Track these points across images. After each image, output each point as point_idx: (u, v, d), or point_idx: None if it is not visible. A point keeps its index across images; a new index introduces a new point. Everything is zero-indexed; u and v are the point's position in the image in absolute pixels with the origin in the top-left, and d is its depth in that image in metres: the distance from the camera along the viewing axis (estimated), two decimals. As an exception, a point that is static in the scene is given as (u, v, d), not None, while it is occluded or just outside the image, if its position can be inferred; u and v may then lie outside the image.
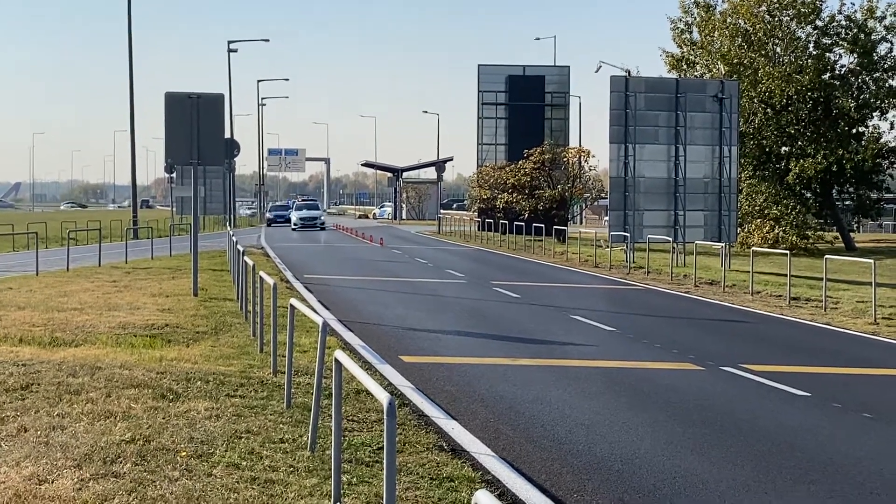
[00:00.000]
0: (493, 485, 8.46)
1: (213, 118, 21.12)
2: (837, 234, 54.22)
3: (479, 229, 63.04)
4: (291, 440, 9.28)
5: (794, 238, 49.00)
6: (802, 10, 52.01)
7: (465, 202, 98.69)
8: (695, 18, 55.02)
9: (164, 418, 9.94)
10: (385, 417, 6.04)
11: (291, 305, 11.00)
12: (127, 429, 9.40)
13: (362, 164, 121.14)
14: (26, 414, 10.06)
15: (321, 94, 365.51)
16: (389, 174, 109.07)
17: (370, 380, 6.72)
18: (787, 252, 28.23)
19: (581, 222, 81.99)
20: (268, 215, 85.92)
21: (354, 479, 8.14)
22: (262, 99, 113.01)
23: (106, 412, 10.10)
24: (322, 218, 75.44)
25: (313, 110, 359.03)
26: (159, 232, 52.27)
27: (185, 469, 8.20)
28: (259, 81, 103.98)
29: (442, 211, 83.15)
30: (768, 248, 43.00)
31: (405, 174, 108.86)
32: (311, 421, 9.01)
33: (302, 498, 7.57)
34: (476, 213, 69.24)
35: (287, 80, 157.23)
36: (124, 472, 8.05)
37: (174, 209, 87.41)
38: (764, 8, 52.83)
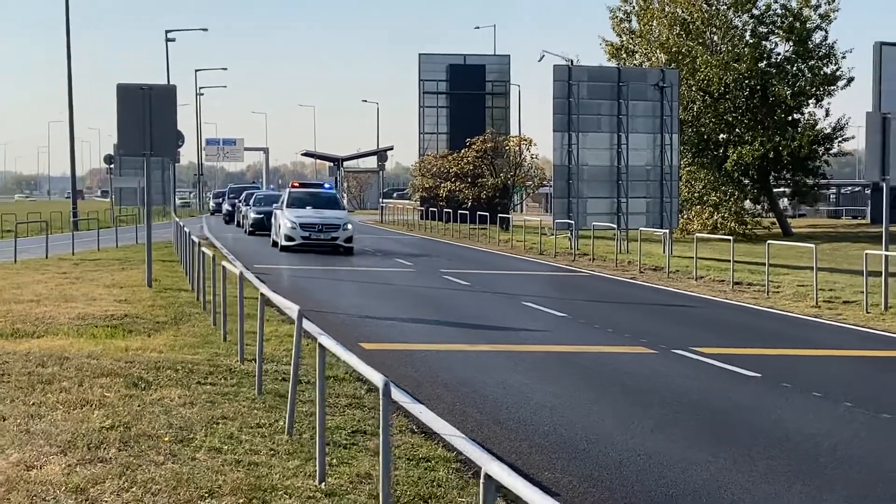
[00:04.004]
0: (467, 464, 8.77)
1: (165, 110, 21.20)
2: (774, 219, 55.22)
3: (421, 218, 63.32)
4: (268, 425, 9.53)
5: (733, 224, 49.89)
6: (739, -2, 52.89)
7: (406, 191, 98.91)
8: (633, 7, 55.75)
9: (139, 406, 10.13)
10: (380, 398, 6.33)
11: (262, 295, 11.24)
12: (105, 416, 9.59)
13: (302, 154, 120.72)
14: (1, 403, 10.21)
15: (260, 83, 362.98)
16: (330, 163, 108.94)
17: (360, 362, 7.01)
18: (731, 238, 28.83)
19: (521, 210, 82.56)
20: (252, 214, 47.20)
21: (334, 461, 8.41)
22: (200, 88, 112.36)
23: (81, 401, 10.27)
24: (348, 226, 35.90)
25: (252, 100, 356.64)
26: (101, 223, 51.96)
27: (170, 454, 8.43)
28: (197, 71, 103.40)
29: (384, 200, 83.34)
30: (708, 234, 43.73)
31: (346, 163, 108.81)
32: (287, 405, 9.26)
33: (287, 479, 7.83)
34: (418, 202, 69.54)
35: (225, 69, 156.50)
36: (110, 458, 8.26)
37: (113, 200, 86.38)
38: (701, -3, 53.65)
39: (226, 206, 62.69)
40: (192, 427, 9.32)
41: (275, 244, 36.41)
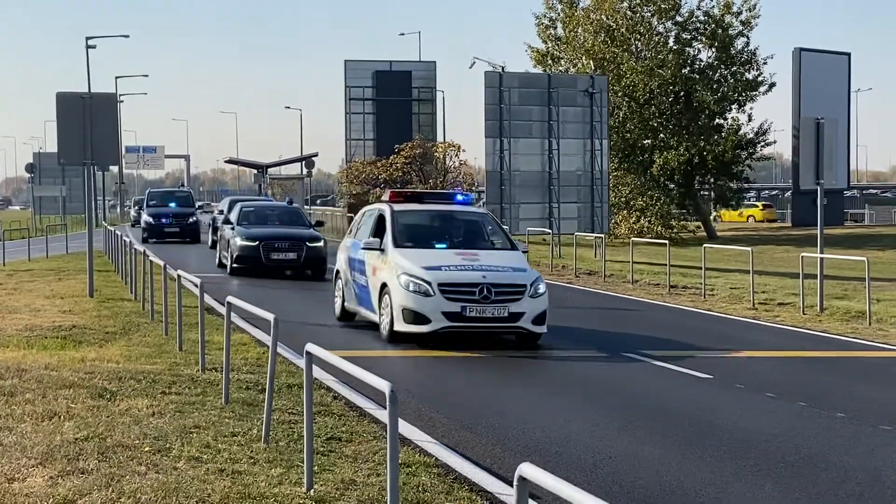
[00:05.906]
0: (444, 468, 8.86)
1: (105, 118, 21.03)
2: (699, 223, 56.07)
3: (349, 224, 63.15)
4: (242, 433, 9.54)
5: (659, 228, 50.61)
6: (663, 5, 53.69)
7: (330, 197, 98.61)
8: (559, 14, 56.26)
9: (108, 416, 10.08)
10: (388, 405, 6.42)
11: (229, 302, 11.25)
12: (77, 428, 9.54)
13: (226, 161, 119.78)
14: (-34, 416, 10.10)
15: (181, 90, 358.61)
16: (256, 171, 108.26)
17: (361, 370, 7.08)
18: (667, 242, 29.26)
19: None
20: (240, 241, 28.65)
21: (315, 468, 8.45)
22: (120, 96, 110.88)
23: (48, 412, 10.19)
24: (541, 287, 15.98)
25: (173, 107, 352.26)
26: (23, 234, 51.17)
27: (151, 464, 8.42)
28: (118, 78, 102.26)
29: (310, 207, 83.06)
30: (635, 237, 44.29)
31: (270, 170, 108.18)
32: (264, 414, 9.30)
33: (274, 487, 7.87)
34: (346, 209, 69.34)
35: (147, 76, 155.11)
36: (91, 469, 8.23)
37: (33, 209, 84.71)
38: (625, 4, 54.35)
39: (145, 217, 47.60)
40: (166, 437, 9.31)
41: (346, 317, 18.78)
